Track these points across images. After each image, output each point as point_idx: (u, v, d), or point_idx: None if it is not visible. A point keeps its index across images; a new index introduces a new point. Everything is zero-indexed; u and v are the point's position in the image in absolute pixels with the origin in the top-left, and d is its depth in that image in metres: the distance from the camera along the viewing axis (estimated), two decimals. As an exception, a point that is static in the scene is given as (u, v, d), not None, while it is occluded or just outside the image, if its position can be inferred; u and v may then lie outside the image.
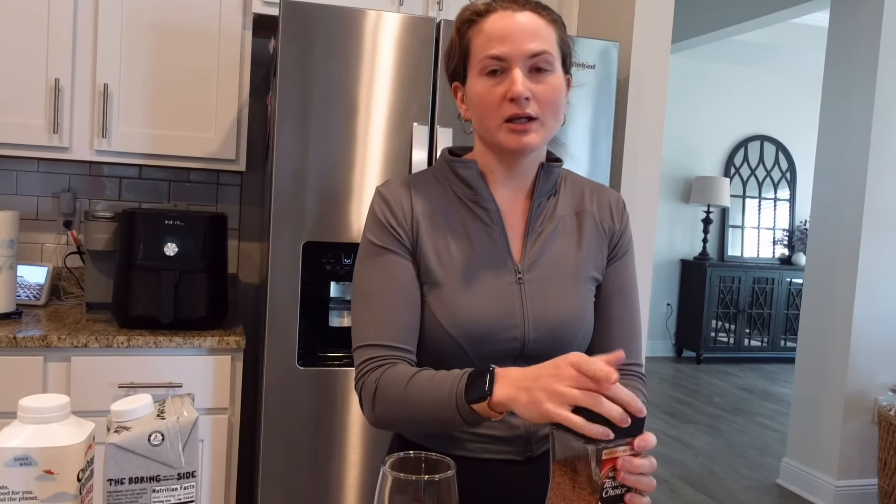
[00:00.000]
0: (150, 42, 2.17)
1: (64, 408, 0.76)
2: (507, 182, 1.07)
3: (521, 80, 0.97)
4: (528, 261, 1.05)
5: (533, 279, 1.04)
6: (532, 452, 1.06)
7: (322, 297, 1.99)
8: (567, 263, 1.06)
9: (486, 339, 1.01)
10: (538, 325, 1.02)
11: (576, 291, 1.06)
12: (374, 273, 1.04)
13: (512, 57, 0.97)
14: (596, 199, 1.12)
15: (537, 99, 0.98)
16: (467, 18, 1.02)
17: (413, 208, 1.05)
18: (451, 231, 1.05)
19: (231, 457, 2.06)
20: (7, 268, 2.03)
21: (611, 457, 0.76)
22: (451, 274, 1.03)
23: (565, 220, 1.09)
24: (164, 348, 1.97)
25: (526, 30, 0.98)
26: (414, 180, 1.09)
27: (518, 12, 0.99)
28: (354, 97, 1.89)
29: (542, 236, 1.07)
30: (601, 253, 1.10)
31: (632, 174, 2.21)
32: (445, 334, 1.01)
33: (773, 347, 6.55)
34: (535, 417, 0.81)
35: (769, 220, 6.89)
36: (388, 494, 0.69)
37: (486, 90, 0.99)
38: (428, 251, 1.04)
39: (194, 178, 2.55)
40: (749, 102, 6.72)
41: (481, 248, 1.05)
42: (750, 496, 3.46)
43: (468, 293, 1.02)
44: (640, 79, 2.19)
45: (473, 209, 1.06)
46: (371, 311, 1.02)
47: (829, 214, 3.44)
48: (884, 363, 3.33)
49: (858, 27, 3.33)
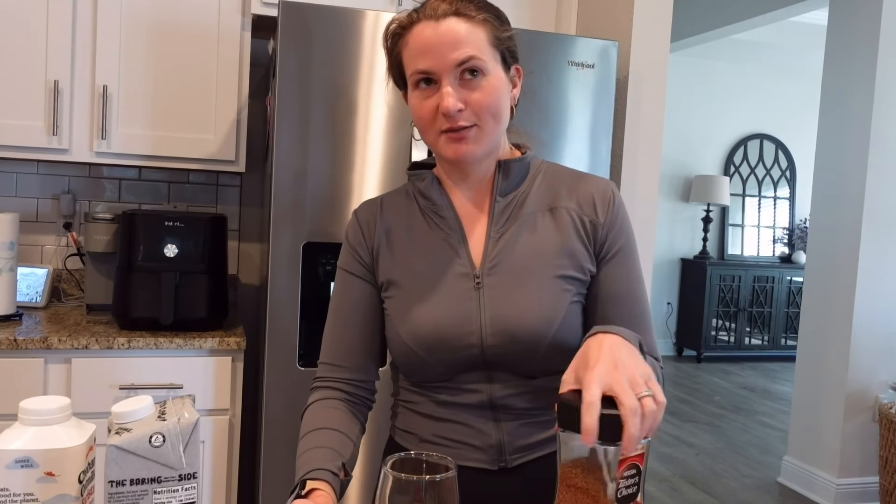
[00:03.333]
0: (149, 43, 2.17)
1: (65, 410, 0.76)
2: (464, 186, 1.05)
3: (451, 94, 0.94)
4: (487, 264, 1.01)
5: (493, 283, 1.00)
6: (506, 463, 1.02)
7: (322, 297, 1.99)
8: (534, 264, 1.00)
9: (441, 347, 0.99)
10: (496, 330, 0.98)
11: (542, 293, 0.99)
12: (335, 293, 1.09)
13: (438, 70, 0.94)
14: (576, 192, 1.04)
15: (472, 106, 0.95)
16: (393, 32, 1.00)
17: (377, 227, 1.07)
18: (413, 243, 1.05)
19: (232, 458, 2.06)
20: (7, 270, 2.03)
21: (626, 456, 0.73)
22: (409, 284, 1.03)
23: (535, 217, 1.03)
24: (164, 350, 1.97)
25: (448, 40, 0.94)
26: (385, 199, 1.10)
27: (440, 21, 0.94)
28: (354, 97, 1.89)
29: (504, 237, 1.02)
30: (584, 250, 1.02)
31: (631, 173, 2.20)
32: (403, 343, 1.02)
33: (774, 346, 6.55)
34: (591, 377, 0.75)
35: (769, 219, 6.89)
36: (388, 495, 0.69)
37: (419, 104, 0.98)
38: (388, 266, 1.05)
39: (194, 179, 2.55)
40: (748, 101, 6.72)
41: (441, 256, 1.03)
42: (751, 495, 3.46)
43: (423, 301, 1.01)
44: (639, 78, 2.19)
45: (434, 219, 1.05)
46: (327, 330, 1.09)
47: (829, 212, 3.44)
48: (884, 361, 3.33)
49: (858, 25, 3.33)
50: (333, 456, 0.96)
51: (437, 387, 1.03)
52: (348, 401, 1.06)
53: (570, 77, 2.05)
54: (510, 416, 1.02)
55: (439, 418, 1.04)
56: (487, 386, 1.01)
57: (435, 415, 1.04)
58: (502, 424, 1.02)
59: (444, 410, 1.03)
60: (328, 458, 0.95)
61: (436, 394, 1.04)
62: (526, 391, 1.01)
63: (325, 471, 0.92)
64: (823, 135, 3.50)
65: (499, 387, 1.01)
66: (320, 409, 1.04)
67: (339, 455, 0.96)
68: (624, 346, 0.79)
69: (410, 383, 1.07)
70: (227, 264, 2.14)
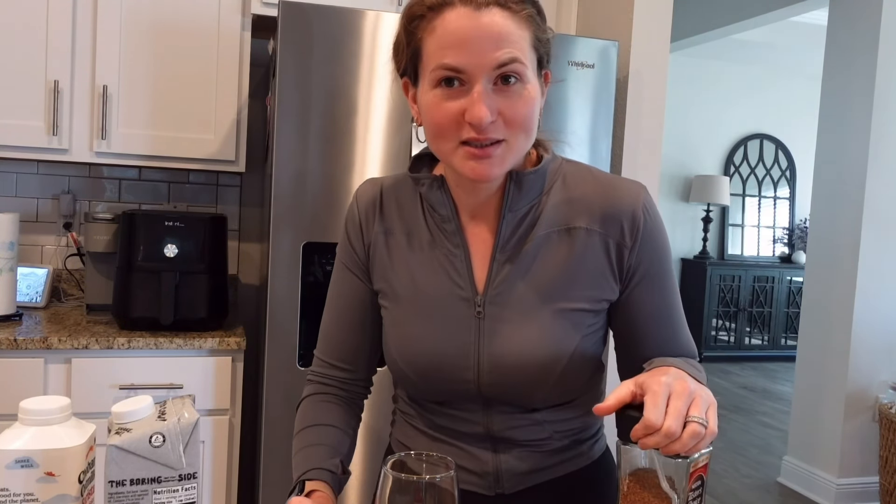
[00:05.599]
0: (149, 43, 2.17)
1: (65, 410, 0.76)
2: (471, 198, 0.91)
3: (483, 100, 0.79)
4: (491, 291, 0.90)
5: (494, 314, 0.89)
6: (503, 490, 0.95)
7: (322, 297, 1.98)
8: (542, 295, 0.89)
9: (436, 378, 0.92)
10: (493, 367, 0.89)
11: (549, 330, 0.88)
12: (331, 286, 1.03)
13: (472, 69, 0.79)
14: (599, 209, 0.90)
15: (504, 117, 0.80)
16: (417, 14, 0.83)
17: (375, 224, 0.96)
18: (413, 252, 0.94)
19: (232, 458, 2.06)
20: (7, 270, 2.03)
21: (695, 468, 0.71)
22: (405, 298, 0.94)
23: (549, 238, 0.90)
24: (164, 350, 1.97)
25: (491, 35, 0.78)
26: (386, 189, 0.98)
27: (481, 10, 0.79)
28: (354, 97, 1.89)
29: (512, 261, 0.90)
30: (606, 277, 0.91)
31: (631, 173, 2.20)
32: (394, 361, 0.95)
33: (774, 346, 6.55)
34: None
35: (769, 219, 6.89)
36: (388, 495, 0.69)
37: (438, 105, 0.81)
38: (385, 272, 0.96)
39: (194, 179, 2.55)
40: (748, 101, 6.72)
41: (442, 273, 0.92)
42: (751, 495, 3.46)
43: (420, 325, 0.92)
44: (639, 78, 2.19)
45: (437, 227, 0.93)
46: (323, 324, 1.04)
47: (829, 212, 3.44)
48: (884, 361, 3.33)
49: (858, 25, 3.33)
50: (331, 453, 0.94)
51: (433, 408, 0.97)
52: (343, 396, 1.02)
53: (570, 77, 2.05)
54: (509, 446, 0.95)
55: (436, 438, 0.98)
56: (484, 418, 0.93)
57: (431, 433, 0.99)
58: (500, 455, 0.95)
59: (440, 433, 0.98)
60: (325, 455, 0.93)
61: (430, 415, 0.98)
62: (527, 424, 0.94)
63: (324, 470, 0.91)
64: (823, 135, 3.50)
65: (497, 419, 0.93)
66: (315, 404, 1.01)
67: (337, 452, 0.95)
68: (691, 378, 0.76)
69: (407, 396, 1.02)
70: (227, 264, 2.14)
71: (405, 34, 0.85)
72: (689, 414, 0.70)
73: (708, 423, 0.70)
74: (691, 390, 0.72)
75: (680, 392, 0.71)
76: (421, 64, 0.84)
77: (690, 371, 0.80)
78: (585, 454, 1.00)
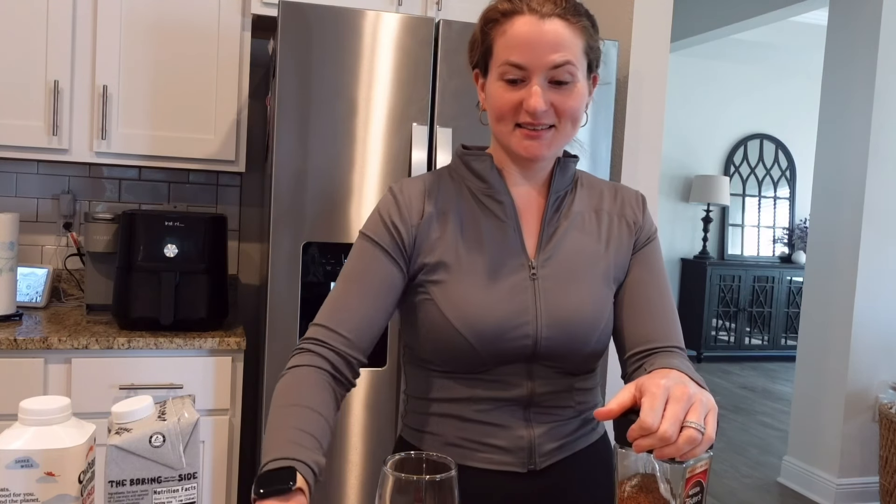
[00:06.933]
0: (149, 43, 2.17)
1: (65, 410, 0.76)
2: (521, 178, 1.06)
3: (540, 94, 0.95)
4: (543, 256, 1.03)
5: (547, 275, 1.02)
6: (535, 465, 1.03)
7: (322, 297, 1.99)
8: (584, 260, 1.04)
9: (497, 338, 0.98)
10: (551, 322, 0.99)
11: (592, 289, 1.02)
12: (354, 261, 1.03)
13: (532, 67, 0.95)
14: (617, 197, 1.11)
15: (555, 108, 0.97)
16: (492, 18, 0.99)
17: (424, 209, 1.03)
18: (463, 228, 1.03)
19: (232, 458, 2.06)
20: (7, 270, 2.03)
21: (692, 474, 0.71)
22: (462, 270, 1.01)
23: (583, 216, 1.07)
24: (164, 350, 1.97)
25: (550, 40, 0.94)
26: (428, 179, 1.07)
27: (545, 19, 0.95)
28: (354, 97, 1.89)
29: (558, 232, 1.05)
30: (627, 252, 1.08)
31: (631, 173, 2.21)
32: (455, 332, 0.98)
33: (774, 346, 6.55)
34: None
35: (769, 219, 6.89)
36: (389, 495, 0.69)
37: (502, 94, 0.98)
38: (437, 247, 1.02)
39: (194, 179, 2.55)
40: (748, 101, 6.72)
41: (494, 243, 1.02)
42: (751, 495, 3.46)
43: (479, 290, 0.99)
44: (639, 78, 2.19)
45: (487, 203, 1.04)
46: (335, 295, 1.02)
47: (829, 212, 3.44)
48: (884, 361, 3.33)
49: (858, 25, 3.33)
50: (318, 448, 0.88)
51: (474, 379, 1.01)
52: (333, 375, 0.98)
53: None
54: (542, 416, 1.03)
55: (467, 419, 1.02)
56: (528, 381, 1.01)
57: (463, 415, 1.02)
58: (534, 426, 1.02)
59: (474, 409, 1.01)
60: (314, 449, 0.87)
61: (470, 387, 1.02)
62: (562, 390, 1.03)
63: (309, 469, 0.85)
64: (823, 135, 3.50)
65: (539, 383, 1.02)
66: (305, 378, 0.95)
67: (321, 448, 0.89)
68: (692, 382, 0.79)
69: (441, 373, 1.03)
70: (227, 264, 2.14)
71: (480, 33, 1.01)
72: (687, 419, 0.72)
73: (706, 430, 0.72)
74: (690, 395, 0.74)
75: (679, 396, 0.74)
76: (491, 59, 1.00)
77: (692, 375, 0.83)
78: (595, 431, 1.12)
